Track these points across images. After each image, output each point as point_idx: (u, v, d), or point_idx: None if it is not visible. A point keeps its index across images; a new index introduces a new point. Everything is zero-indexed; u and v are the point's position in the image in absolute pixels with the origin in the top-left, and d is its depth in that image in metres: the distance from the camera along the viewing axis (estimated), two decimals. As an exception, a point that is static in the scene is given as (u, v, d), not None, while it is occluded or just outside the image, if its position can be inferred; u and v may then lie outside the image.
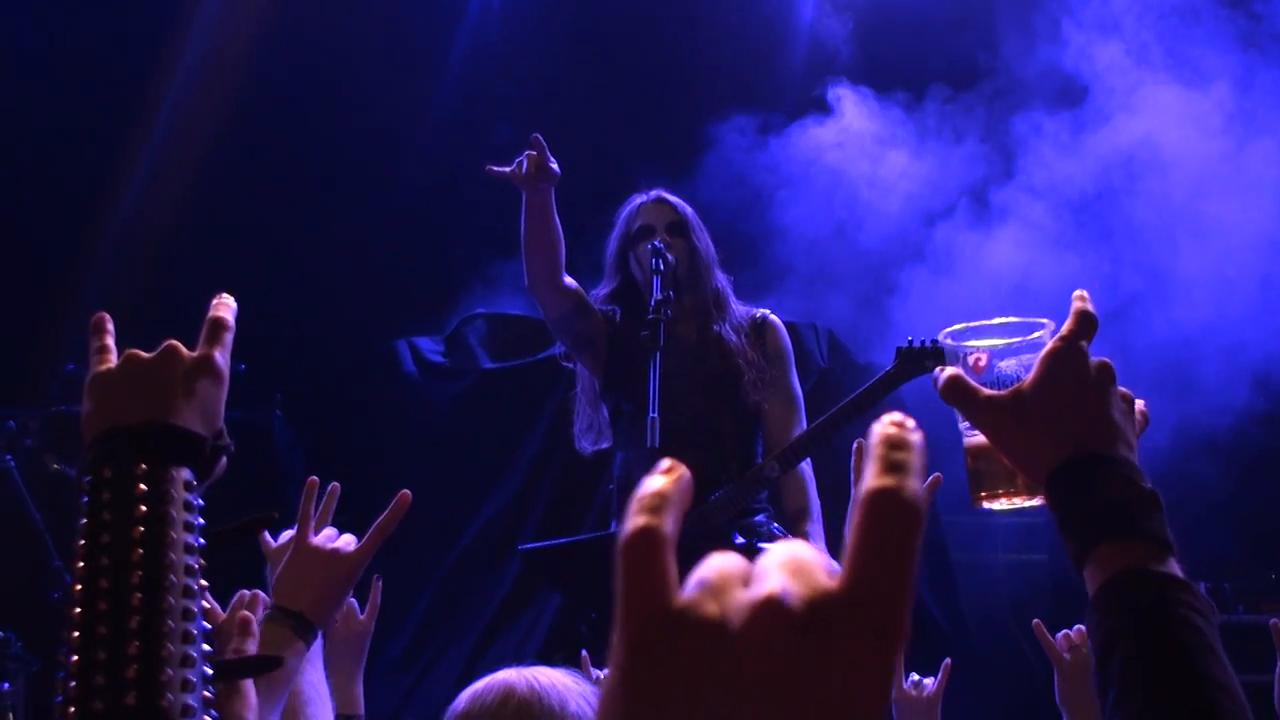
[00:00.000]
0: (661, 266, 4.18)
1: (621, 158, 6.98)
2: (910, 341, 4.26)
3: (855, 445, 2.37)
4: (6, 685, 5.23)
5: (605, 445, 4.51)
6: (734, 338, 4.40)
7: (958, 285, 6.39)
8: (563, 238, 4.23)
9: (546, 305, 4.36)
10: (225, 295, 1.53)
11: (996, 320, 1.50)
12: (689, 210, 4.53)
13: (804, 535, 4.20)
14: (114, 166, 7.49)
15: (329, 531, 2.21)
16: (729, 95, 7.45)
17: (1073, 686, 2.46)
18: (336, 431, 6.83)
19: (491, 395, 6.84)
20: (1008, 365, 1.46)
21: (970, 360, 1.49)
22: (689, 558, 0.62)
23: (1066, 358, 1.36)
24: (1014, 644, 6.50)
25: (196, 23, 7.60)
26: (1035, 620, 2.42)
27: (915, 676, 2.80)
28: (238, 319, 1.51)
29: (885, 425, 0.62)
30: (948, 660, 2.85)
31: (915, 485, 0.59)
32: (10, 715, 5.21)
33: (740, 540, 4.18)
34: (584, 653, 3.25)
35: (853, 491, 1.94)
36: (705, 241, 4.49)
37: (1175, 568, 1.26)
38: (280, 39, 7.53)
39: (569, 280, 4.33)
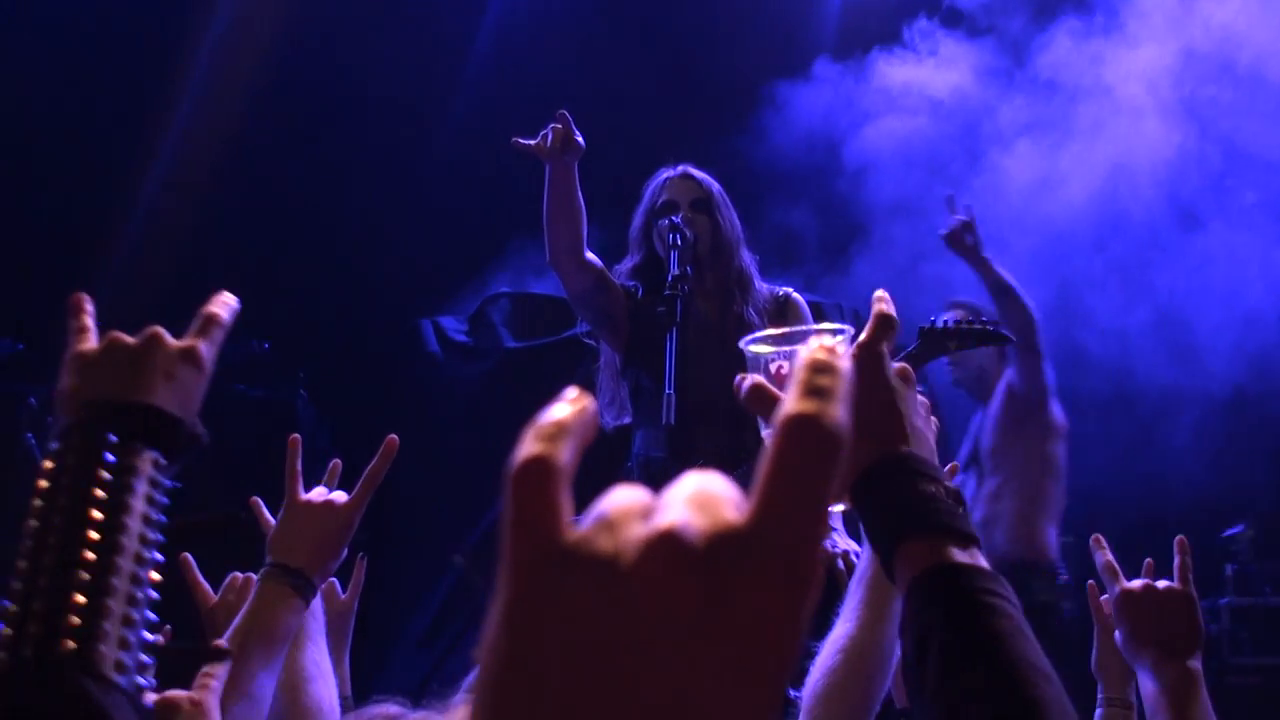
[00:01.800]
0: (680, 242, 4.16)
1: (654, 132, 6.98)
2: (933, 321, 4.25)
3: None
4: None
5: (627, 420, 4.51)
6: (756, 319, 4.38)
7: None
8: (585, 212, 4.23)
9: (568, 279, 4.35)
10: (226, 294, 1.53)
11: (795, 329, 1.54)
12: (715, 186, 4.51)
13: None
14: (139, 146, 7.52)
15: (319, 489, 2.21)
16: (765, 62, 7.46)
17: (1110, 653, 2.43)
18: (360, 410, 6.85)
19: (515, 374, 6.85)
20: None
21: (773, 368, 1.51)
22: None
23: (865, 363, 1.37)
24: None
25: (222, 1, 7.62)
26: (1090, 581, 2.40)
27: None
28: (260, 299, 1.51)
29: (812, 348, 0.59)
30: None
31: (837, 413, 0.55)
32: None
33: None
34: None
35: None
36: (730, 219, 4.48)
37: (980, 559, 1.27)
38: (306, 16, 7.54)
39: (590, 255, 4.32)
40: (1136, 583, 2.27)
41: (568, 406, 0.60)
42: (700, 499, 0.55)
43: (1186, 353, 6.68)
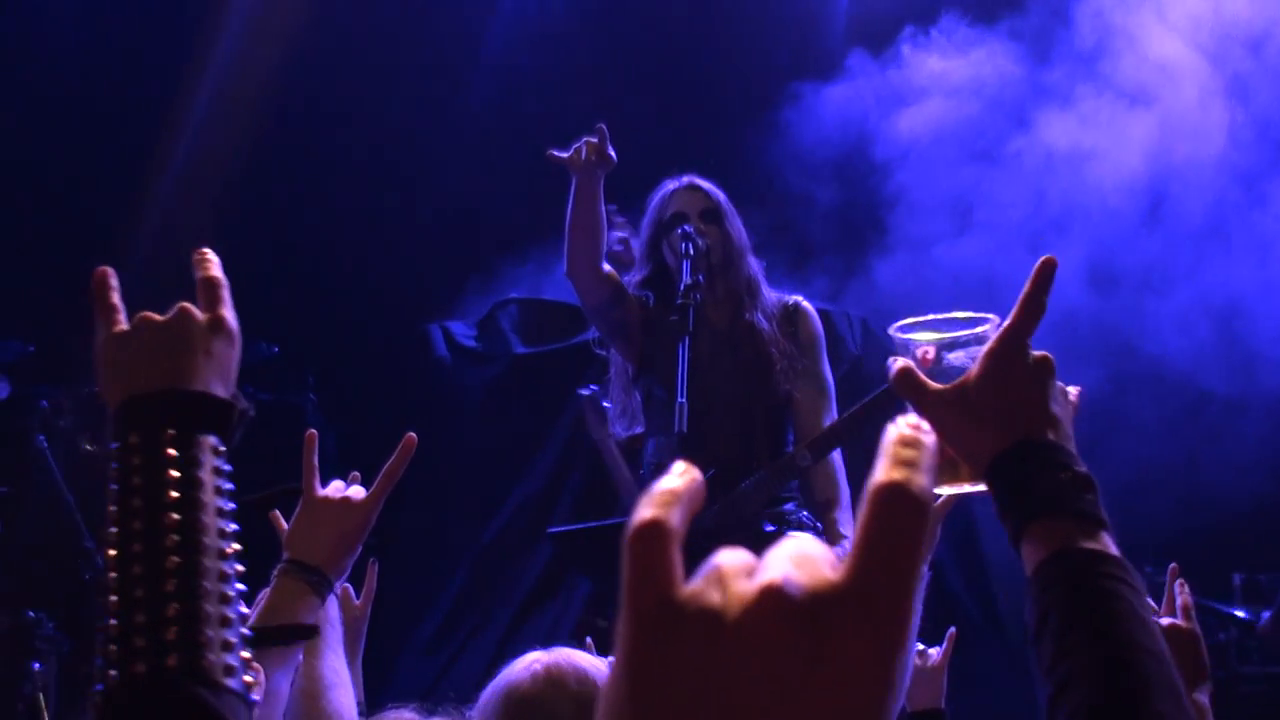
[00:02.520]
0: (692, 251, 4.19)
1: (666, 136, 7.01)
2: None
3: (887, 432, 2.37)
4: (38, 665, 5.30)
5: (639, 430, 4.54)
6: (766, 325, 4.41)
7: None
8: (606, 224, 4.27)
9: (584, 291, 4.38)
10: (205, 250, 1.49)
11: (944, 315, 1.54)
12: (722, 196, 4.52)
13: (832, 523, 4.21)
14: (151, 148, 7.55)
15: (336, 484, 2.20)
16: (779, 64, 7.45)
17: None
18: (369, 415, 6.87)
19: (524, 380, 6.86)
20: (955, 357, 1.51)
21: (919, 353, 1.53)
22: (716, 545, 0.63)
23: (1008, 354, 1.41)
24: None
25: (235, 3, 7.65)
26: (1172, 564, 2.40)
27: (920, 646, 2.80)
28: (270, 302, 1.51)
29: (900, 425, 0.64)
30: (952, 630, 2.86)
31: (924, 481, 0.60)
32: (41, 696, 5.28)
33: (770, 528, 4.20)
34: (589, 639, 3.27)
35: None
36: (738, 228, 4.49)
37: (1109, 544, 1.32)
38: (321, 17, 7.57)
39: (607, 267, 4.35)
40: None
41: (679, 478, 0.64)
42: (799, 558, 0.60)
43: (1246, 350, 6.51)
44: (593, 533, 4.62)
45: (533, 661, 2.09)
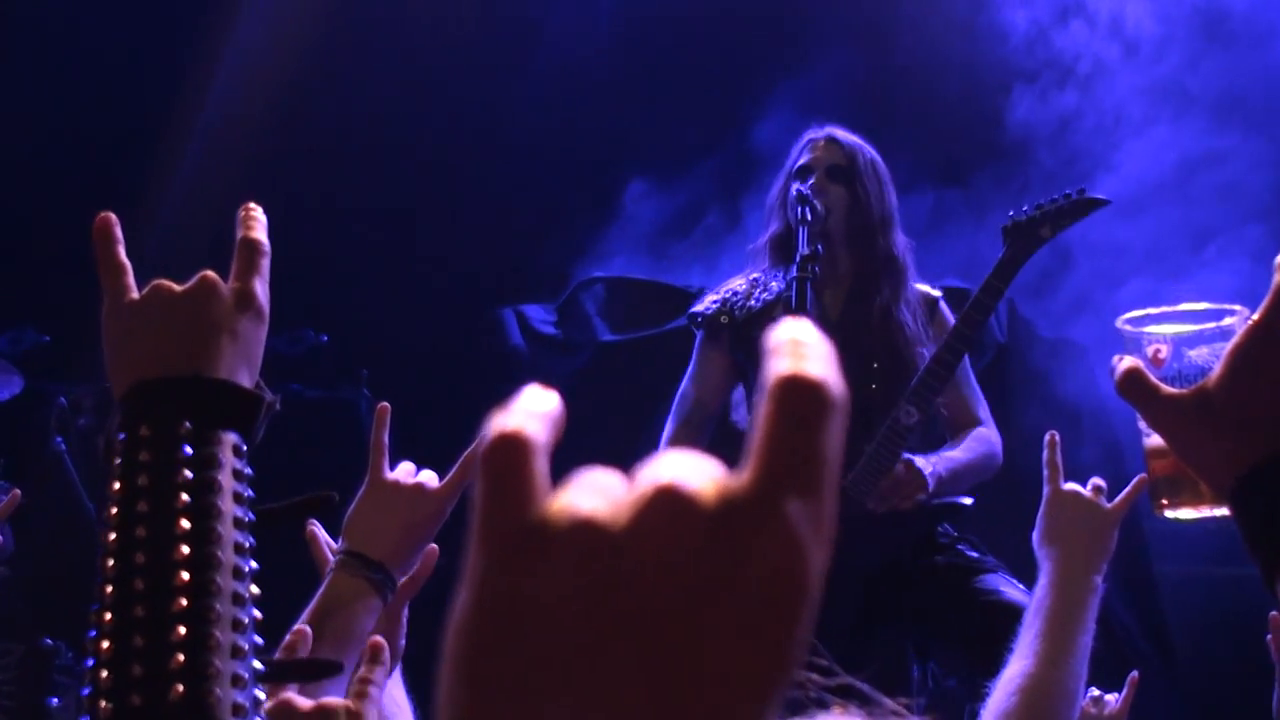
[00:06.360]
0: (809, 216, 4.09)
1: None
2: (1013, 216, 4.21)
3: (1048, 438, 2.36)
4: (55, 701, 5.33)
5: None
6: (910, 321, 4.30)
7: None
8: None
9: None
10: (253, 206, 1.45)
11: (1183, 306, 1.47)
12: (864, 153, 4.40)
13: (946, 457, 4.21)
14: (180, 120, 7.61)
15: (407, 466, 2.15)
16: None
17: None
18: (431, 412, 6.87)
19: (611, 370, 6.82)
20: (1198, 354, 1.44)
21: (1150, 350, 1.47)
22: (841, 547, 0.62)
23: (1260, 351, 1.29)
24: (1223, 663, 6.37)
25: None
26: (1274, 613, 2.41)
27: (1096, 692, 2.79)
28: (318, 286, 1.47)
29: (787, 325, 0.63)
30: (1134, 674, 2.84)
31: (820, 369, 0.59)
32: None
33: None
34: None
35: (1045, 489, 1.95)
36: (877, 193, 4.36)
37: None
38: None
39: (701, 423, 4.47)
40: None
41: (537, 395, 0.63)
42: (689, 464, 0.59)
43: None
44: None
45: None
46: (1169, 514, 1.55)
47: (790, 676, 0.57)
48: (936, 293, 4.48)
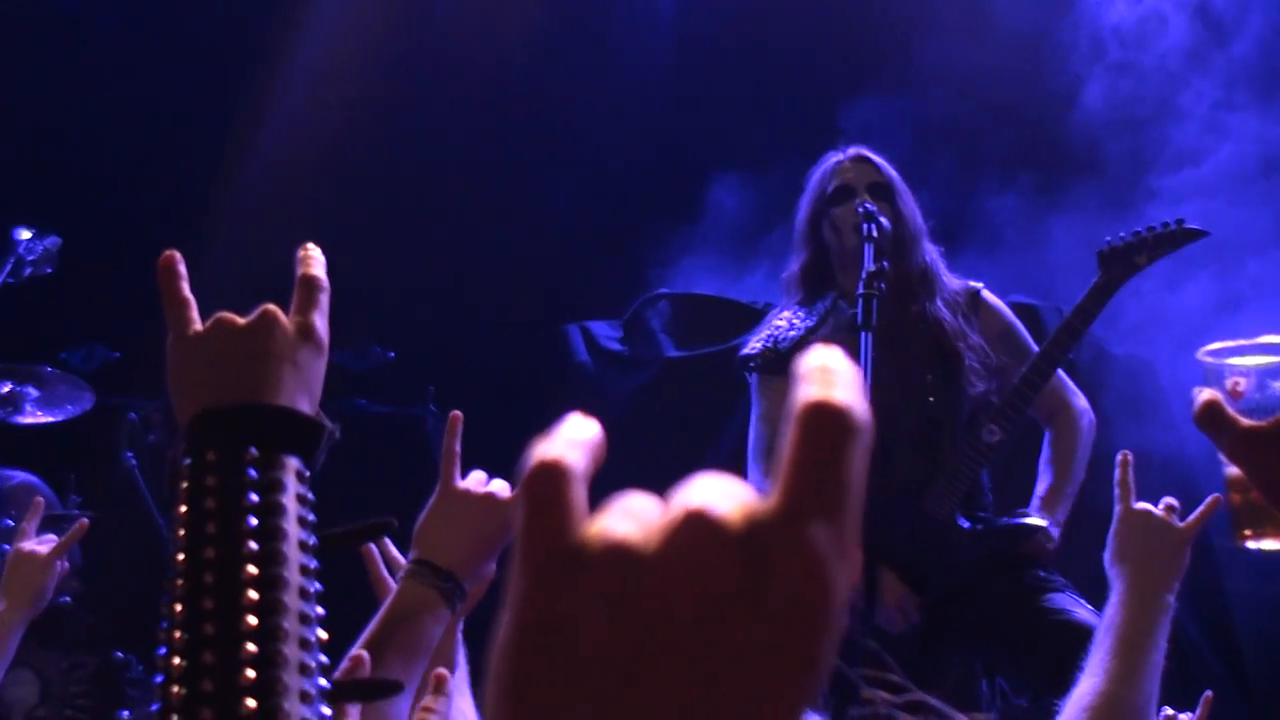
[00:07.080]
0: (875, 232, 4.11)
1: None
2: (1110, 242, 4.23)
3: (1120, 457, 2.35)
4: (127, 714, 5.38)
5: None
6: (949, 316, 4.34)
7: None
8: None
9: None
10: (310, 246, 1.49)
11: (1264, 338, 1.48)
12: (893, 171, 4.47)
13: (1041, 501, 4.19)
14: (242, 144, 7.67)
15: (478, 475, 2.15)
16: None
17: None
18: (497, 429, 6.88)
19: (677, 387, 6.81)
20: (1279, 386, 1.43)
21: (1229, 383, 1.46)
22: (913, 567, 0.62)
23: None
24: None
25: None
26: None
27: (1169, 711, 2.75)
28: (385, 302, 1.49)
29: (816, 352, 0.65)
30: (1208, 693, 2.79)
31: (846, 396, 0.62)
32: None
33: (966, 525, 4.12)
34: None
35: (1116, 508, 1.93)
36: (911, 207, 4.45)
37: None
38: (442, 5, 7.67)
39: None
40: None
41: (578, 424, 0.68)
42: (718, 488, 0.62)
43: None
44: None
45: None
46: (1251, 545, 1.54)
47: (815, 695, 0.59)
48: (977, 284, 4.52)
